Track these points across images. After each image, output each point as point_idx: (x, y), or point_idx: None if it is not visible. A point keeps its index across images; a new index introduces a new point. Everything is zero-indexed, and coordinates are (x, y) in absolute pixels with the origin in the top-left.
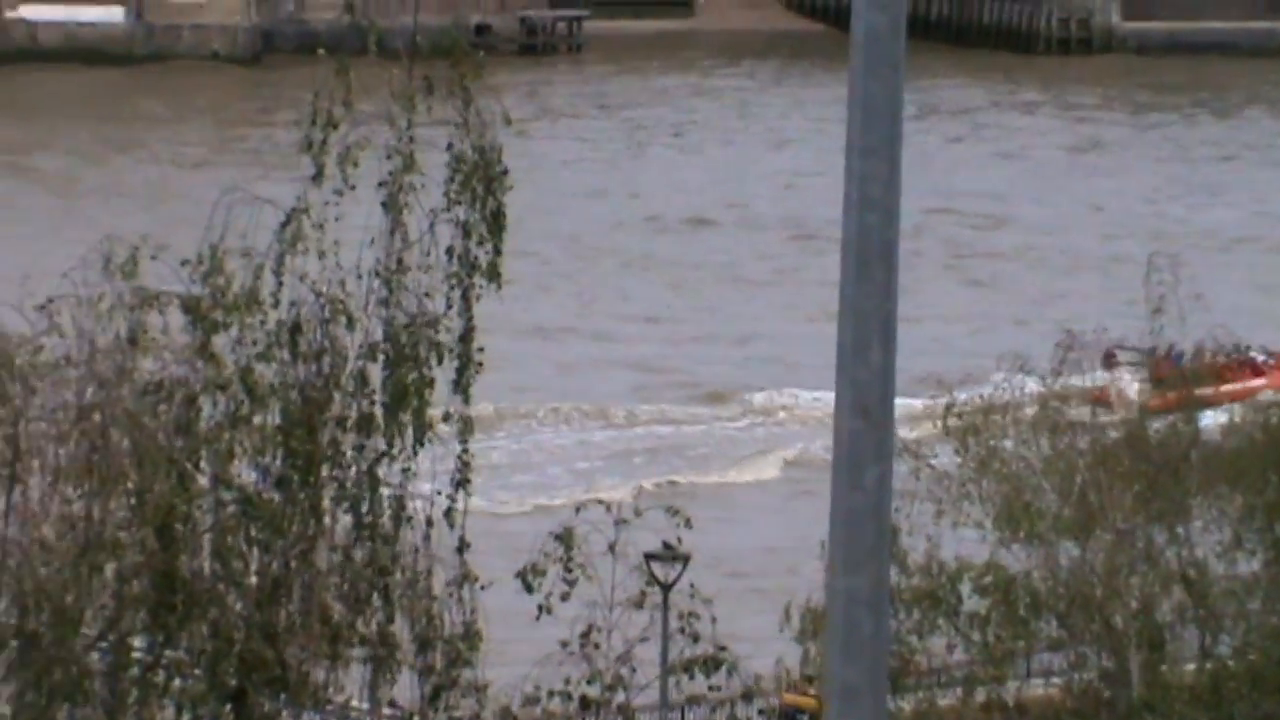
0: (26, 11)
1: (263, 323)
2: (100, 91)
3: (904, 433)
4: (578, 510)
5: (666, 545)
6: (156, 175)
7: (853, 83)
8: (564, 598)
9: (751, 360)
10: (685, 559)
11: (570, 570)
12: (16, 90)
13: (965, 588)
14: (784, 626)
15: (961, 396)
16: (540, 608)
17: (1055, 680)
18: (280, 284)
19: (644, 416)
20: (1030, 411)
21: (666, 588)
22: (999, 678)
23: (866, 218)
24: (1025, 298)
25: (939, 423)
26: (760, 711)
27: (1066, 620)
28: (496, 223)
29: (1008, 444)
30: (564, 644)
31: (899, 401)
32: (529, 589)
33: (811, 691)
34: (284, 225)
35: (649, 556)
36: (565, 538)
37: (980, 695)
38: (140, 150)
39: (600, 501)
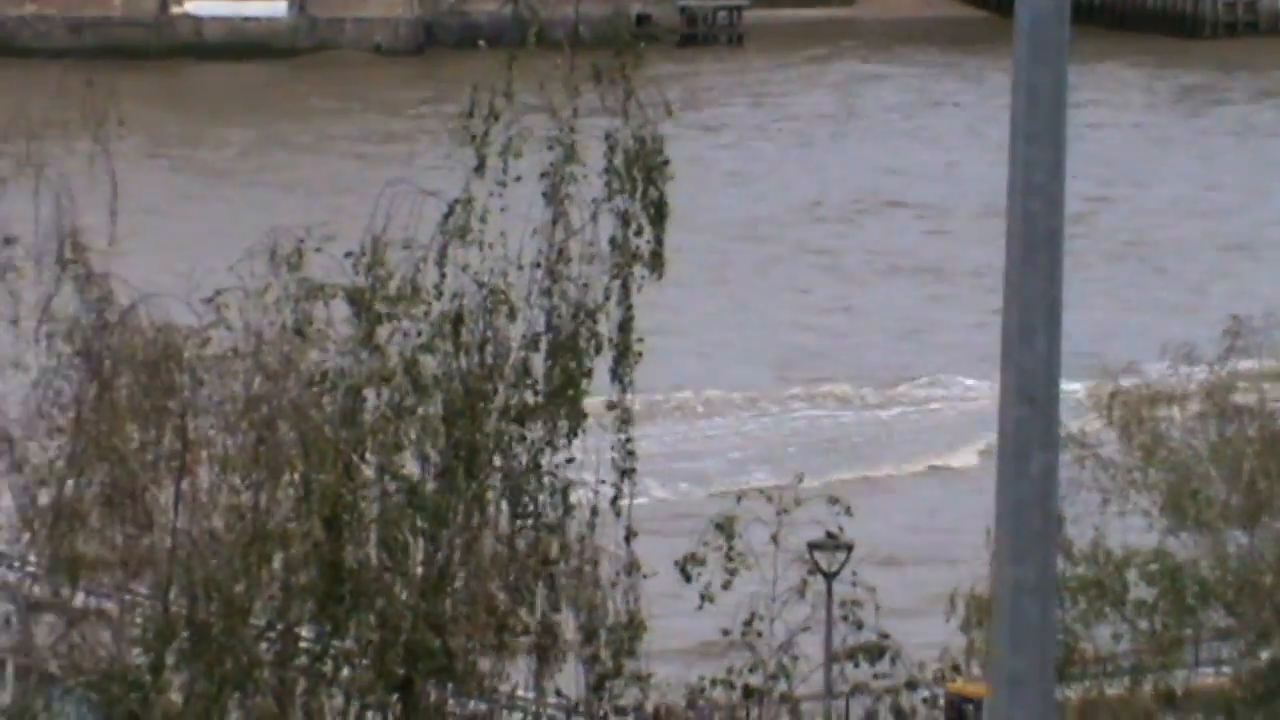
0: (192, 7)
1: (426, 314)
2: (264, 85)
3: (1068, 421)
4: (738, 499)
5: (830, 534)
6: (320, 168)
7: (1017, 68)
8: (725, 586)
9: (907, 348)
10: (849, 547)
11: (731, 559)
12: (183, 84)
13: (1132, 575)
14: (949, 615)
15: (1127, 383)
16: (702, 597)
17: (1225, 669)
18: (443, 275)
19: (799, 405)
20: (1197, 398)
21: (830, 576)
22: (1167, 666)
23: (1031, 204)
24: (1190, 284)
25: (1104, 410)
26: (924, 700)
27: (1235, 608)
28: (658, 212)
29: (1174, 431)
30: (725, 632)
31: (1063, 388)
32: (687, 578)
33: (961, 679)
34: (446, 217)
35: (813, 546)
36: (725, 526)
37: (1148, 684)
38: (304, 143)
39: (761, 491)
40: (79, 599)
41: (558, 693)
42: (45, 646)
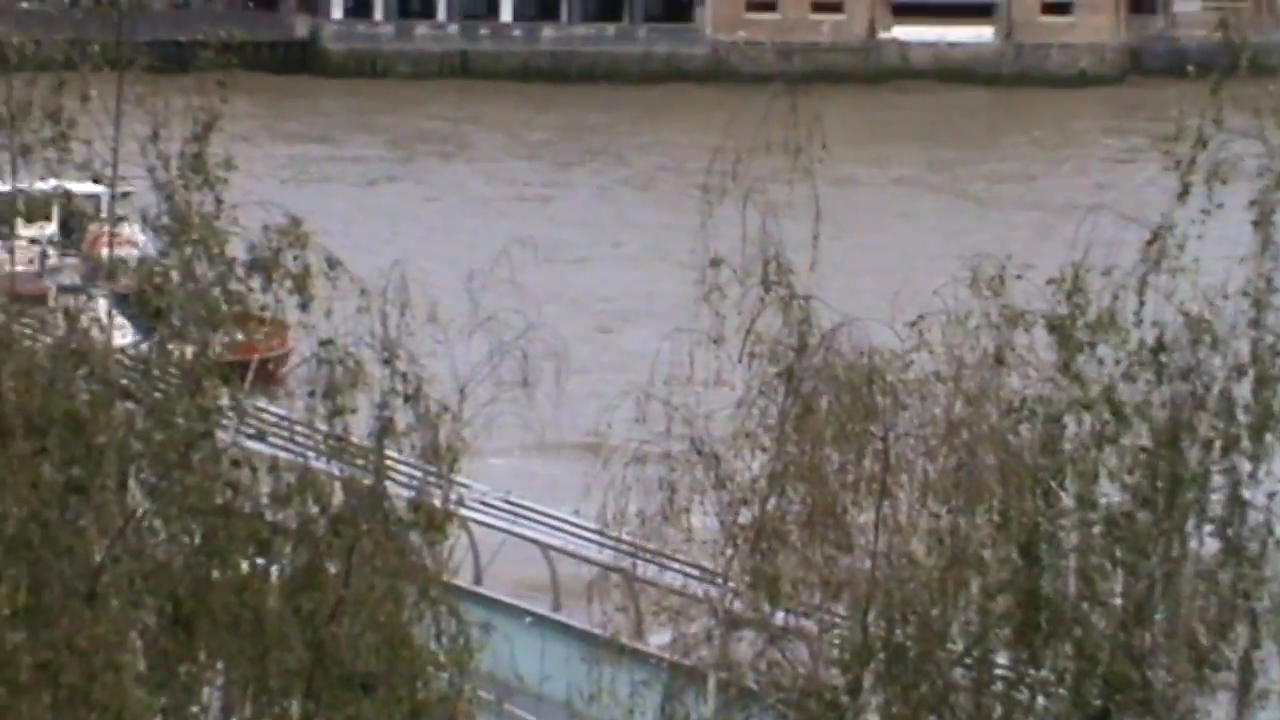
0: (899, 32)
1: (1124, 343)
2: (965, 110)
3: None
4: None
5: None
6: (1015, 194)
7: None
8: None
9: None
10: None
11: None
12: (885, 108)
13: None
14: None
15: None
16: None
17: None
18: (1141, 303)
19: None
20: None
21: None
22: None
23: None
24: None
25: None
26: None
27: None
28: None
29: None
30: None
31: None
32: None
33: None
34: (1149, 244)
35: None
36: None
37: None
38: (997, 169)
39: None
40: (778, 617)
41: None
42: (745, 662)
